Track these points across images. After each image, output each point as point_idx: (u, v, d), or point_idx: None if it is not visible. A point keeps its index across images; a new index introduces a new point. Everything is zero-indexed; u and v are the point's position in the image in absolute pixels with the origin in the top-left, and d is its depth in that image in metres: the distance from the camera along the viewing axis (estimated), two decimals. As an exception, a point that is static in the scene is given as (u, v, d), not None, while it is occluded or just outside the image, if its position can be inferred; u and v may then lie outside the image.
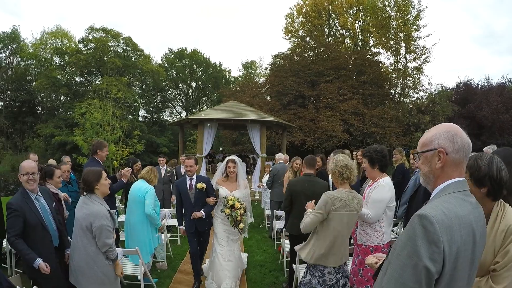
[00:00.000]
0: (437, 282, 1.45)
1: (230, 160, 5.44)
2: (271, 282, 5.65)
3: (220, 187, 5.39)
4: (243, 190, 5.40)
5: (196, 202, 5.32)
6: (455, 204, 1.53)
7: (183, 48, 46.14)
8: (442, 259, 1.42)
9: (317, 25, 36.31)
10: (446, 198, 1.57)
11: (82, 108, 22.40)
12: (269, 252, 7.15)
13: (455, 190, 1.60)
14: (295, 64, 29.87)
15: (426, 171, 1.70)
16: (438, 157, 1.64)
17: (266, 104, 28.63)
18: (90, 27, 37.16)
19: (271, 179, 8.02)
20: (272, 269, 6.21)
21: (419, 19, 31.65)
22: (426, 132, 1.76)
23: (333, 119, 25.53)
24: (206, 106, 47.72)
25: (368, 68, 28.90)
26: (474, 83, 33.53)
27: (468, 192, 1.64)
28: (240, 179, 5.47)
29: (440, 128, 1.70)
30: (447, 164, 1.63)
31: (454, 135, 1.63)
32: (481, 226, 1.64)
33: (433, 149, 1.66)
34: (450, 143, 1.63)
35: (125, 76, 37.34)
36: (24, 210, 3.58)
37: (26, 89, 37.88)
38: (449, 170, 1.64)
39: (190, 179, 5.43)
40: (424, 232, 1.43)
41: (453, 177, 1.63)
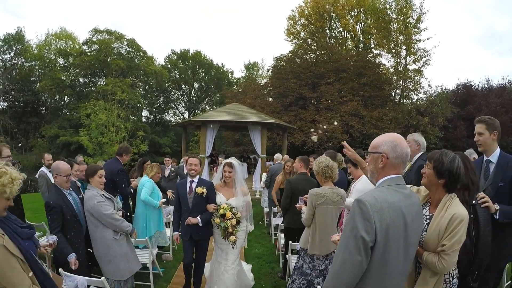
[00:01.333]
0: (373, 249, 1.98)
1: (226, 163, 4.99)
2: (267, 272, 6.17)
3: (217, 193, 5.01)
4: (241, 198, 4.95)
5: (194, 208, 4.89)
6: (386, 193, 2.06)
7: (186, 49, 46.47)
8: (374, 232, 1.95)
9: (319, 27, 36.56)
10: (381, 189, 2.12)
11: (88, 109, 22.89)
12: (267, 246, 7.68)
13: (390, 184, 2.14)
14: (297, 66, 30.20)
15: (372, 168, 2.26)
16: (381, 159, 2.18)
17: (268, 106, 29.02)
18: (94, 29, 37.51)
19: (269, 179, 8.59)
20: (269, 261, 6.73)
21: (420, 22, 32.04)
22: (377, 138, 2.29)
23: (333, 120, 25.95)
24: (208, 107, 48.06)
25: (368, 70, 29.23)
26: (475, 84, 33.74)
27: (402, 185, 2.17)
28: (237, 185, 5.02)
29: (387, 136, 2.24)
30: (387, 165, 2.18)
31: (396, 145, 2.17)
32: (414, 212, 2.16)
33: (378, 152, 2.19)
34: (392, 151, 2.17)
35: (129, 77, 37.78)
36: (62, 205, 4.09)
37: (30, 90, 38.29)
38: (388, 170, 2.18)
39: (191, 182, 5.03)
40: (360, 212, 1.97)
41: (390, 175, 2.17)
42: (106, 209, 4.38)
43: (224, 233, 4.79)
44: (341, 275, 2.02)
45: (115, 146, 21.20)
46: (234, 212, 4.78)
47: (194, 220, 4.79)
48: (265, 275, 6.02)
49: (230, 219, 4.72)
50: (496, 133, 3.71)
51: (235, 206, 4.84)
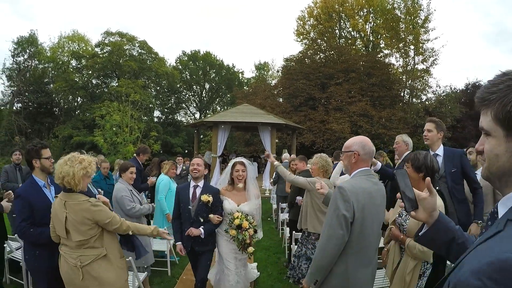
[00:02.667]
0: (352, 224, 2.55)
1: (238, 162, 4.48)
2: (274, 261, 6.74)
3: (225, 199, 4.44)
4: (254, 201, 4.43)
5: (197, 218, 4.33)
6: (360, 181, 2.67)
7: (197, 50, 47.11)
8: (353, 210, 2.52)
9: (328, 27, 36.89)
10: (356, 178, 2.73)
11: (102, 110, 23.61)
12: (274, 240, 8.24)
13: (362, 174, 2.75)
14: (306, 67, 30.64)
15: (346, 163, 2.85)
16: (354, 156, 2.77)
17: (278, 106, 29.53)
18: (106, 31, 38.26)
19: (276, 177, 9.10)
20: (276, 252, 7.31)
21: (428, 22, 32.30)
22: (349, 140, 2.92)
23: (342, 120, 26.37)
24: (219, 107, 48.66)
25: (377, 70, 29.61)
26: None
27: (371, 175, 2.80)
28: (250, 186, 4.49)
29: (357, 138, 2.87)
30: (359, 160, 2.77)
31: (365, 145, 2.78)
32: (381, 195, 2.79)
33: (351, 151, 2.79)
34: (362, 149, 2.77)
35: (141, 78, 38.43)
36: None
37: (44, 91, 38.92)
38: (360, 164, 2.78)
39: (195, 187, 4.46)
40: (341, 196, 2.54)
41: (361, 167, 2.77)
42: (127, 204, 4.98)
43: (241, 245, 4.25)
44: (327, 248, 2.56)
45: (129, 146, 21.92)
46: (250, 220, 4.26)
47: (196, 231, 4.25)
48: (272, 264, 6.57)
49: (248, 229, 4.20)
50: (442, 133, 4.40)
51: (248, 212, 4.31)
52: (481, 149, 1.14)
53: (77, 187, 3.21)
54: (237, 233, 4.20)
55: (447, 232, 1.51)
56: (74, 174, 3.18)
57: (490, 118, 1.08)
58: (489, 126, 1.09)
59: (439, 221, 1.50)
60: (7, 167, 6.39)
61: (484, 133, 1.12)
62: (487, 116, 1.10)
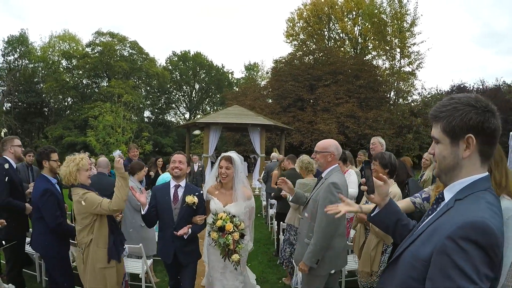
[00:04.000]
0: None
1: (223, 157, 4.00)
2: (264, 251, 7.39)
3: (211, 198, 4.02)
4: (242, 202, 3.95)
5: (180, 222, 3.83)
6: (340, 176, 3.43)
7: (187, 50, 47.29)
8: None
9: (317, 30, 37.63)
10: (335, 174, 3.47)
11: (95, 111, 23.98)
12: (264, 233, 8.90)
13: (336, 171, 3.50)
14: (295, 69, 31.21)
15: (322, 162, 3.57)
16: (330, 156, 3.49)
17: (267, 107, 30.05)
18: (97, 31, 38.29)
19: (266, 175, 9.76)
20: (265, 243, 7.97)
21: (414, 26, 33.16)
22: (324, 141, 3.66)
23: (329, 121, 27.01)
24: (209, 107, 49.02)
25: (364, 73, 30.29)
26: (470, 85, 34.64)
27: (340, 171, 3.57)
28: (238, 186, 4.00)
29: (331, 141, 3.63)
30: (333, 159, 3.51)
31: (338, 147, 3.56)
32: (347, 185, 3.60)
33: (328, 152, 3.50)
34: (336, 150, 3.52)
35: (131, 79, 38.64)
36: None
37: (34, 91, 38.83)
38: (333, 162, 3.52)
39: (176, 187, 3.98)
40: (336, 190, 3.31)
41: (333, 165, 3.52)
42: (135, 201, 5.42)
43: (224, 251, 3.73)
44: (328, 230, 3.40)
45: (122, 146, 22.26)
46: (235, 223, 3.75)
47: (185, 230, 3.77)
48: (262, 253, 7.22)
49: (231, 232, 3.70)
50: None
51: (235, 214, 3.83)
52: (433, 152, 1.60)
53: (76, 181, 3.85)
54: (218, 236, 3.70)
55: (394, 214, 1.98)
56: (70, 171, 3.83)
57: (439, 130, 1.51)
58: (439, 135, 1.51)
59: (389, 204, 1.98)
60: (20, 166, 6.83)
61: (435, 141, 1.58)
62: (437, 128, 1.52)
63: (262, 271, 6.18)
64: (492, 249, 1.24)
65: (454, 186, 1.51)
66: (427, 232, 1.45)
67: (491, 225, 1.26)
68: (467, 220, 1.28)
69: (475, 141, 1.41)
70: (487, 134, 1.42)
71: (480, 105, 1.42)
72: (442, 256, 1.28)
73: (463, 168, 1.47)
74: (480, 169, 1.47)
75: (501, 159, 2.20)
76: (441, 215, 1.45)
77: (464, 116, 1.41)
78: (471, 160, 1.45)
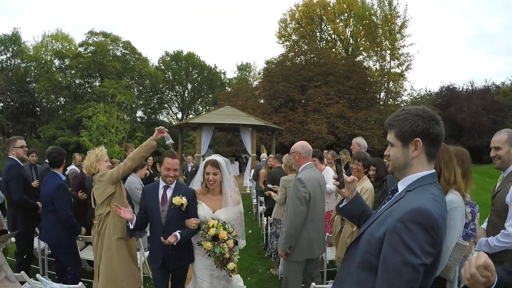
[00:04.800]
0: (309, 201, 3.74)
1: (209, 162, 3.74)
2: (254, 245, 7.81)
3: (199, 203, 3.77)
4: (232, 208, 3.76)
5: (169, 225, 3.61)
6: (310, 172, 3.86)
7: (179, 50, 47.48)
8: (309, 192, 3.68)
9: (309, 31, 38.04)
10: (304, 171, 3.91)
11: (89, 111, 24.13)
12: (254, 229, 9.33)
13: (308, 168, 3.95)
14: (287, 70, 31.67)
15: (294, 161, 4.10)
16: (297, 155, 3.97)
17: (259, 107, 30.45)
18: (90, 31, 38.33)
19: (256, 174, 10.21)
20: (255, 238, 8.41)
21: (404, 28, 33.72)
22: (295, 144, 4.13)
23: (320, 121, 27.46)
24: (201, 107, 49.31)
25: (354, 74, 30.74)
26: (459, 87, 35.32)
27: (313, 168, 4.02)
28: (227, 190, 3.78)
29: (299, 143, 4.06)
30: (300, 158, 3.98)
31: (304, 146, 4.00)
32: (322, 181, 4.04)
33: (295, 152, 3.98)
34: (302, 149, 3.96)
35: (124, 79, 38.68)
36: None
37: (27, 91, 38.78)
38: (302, 160, 3.96)
39: (165, 188, 3.75)
40: (300, 184, 3.72)
41: (305, 163, 3.97)
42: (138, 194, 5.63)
43: (219, 261, 3.52)
44: (295, 220, 3.81)
45: (115, 146, 22.47)
46: (228, 230, 3.57)
47: (171, 238, 3.46)
48: (252, 247, 7.61)
49: (226, 240, 3.50)
50: None
51: (226, 220, 3.64)
52: (388, 154, 1.95)
53: (96, 170, 4.38)
54: (213, 245, 3.49)
55: (360, 206, 2.34)
56: (91, 163, 4.41)
57: (393, 135, 1.82)
58: (393, 140, 1.83)
59: (356, 197, 2.34)
60: (24, 165, 7.18)
61: (390, 144, 1.91)
62: (391, 134, 1.83)
63: (252, 263, 6.58)
64: (434, 230, 1.55)
65: (406, 180, 1.84)
66: (382, 216, 1.80)
67: (433, 212, 1.56)
68: (414, 206, 1.59)
69: (421, 143, 1.76)
70: (432, 138, 1.77)
71: (426, 115, 1.77)
72: (393, 235, 1.59)
73: (413, 166, 1.82)
74: (427, 167, 1.83)
75: (450, 160, 2.60)
76: (394, 203, 1.77)
77: (412, 123, 1.76)
78: (419, 159, 1.81)
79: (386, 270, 1.60)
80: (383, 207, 1.89)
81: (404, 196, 1.76)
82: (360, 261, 1.82)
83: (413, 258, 1.53)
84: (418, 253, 1.53)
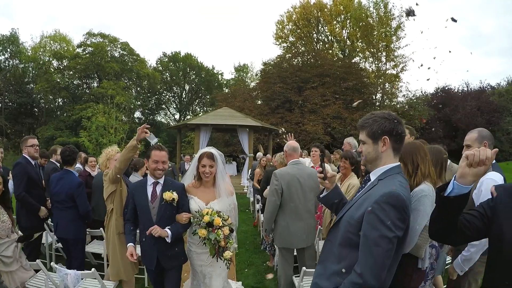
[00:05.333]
0: (283, 194, 4.29)
1: (204, 154, 3.64)
2: (251, 240, 8.15)
3: (190, 198, 3.71)
4: (226, 199, 3.72)
5: (160, 222, 3.52)
6: (288, 168, 4.48)
7: (177, 52, 47.81)
8: (281, 187, 4.23)
9: (306, 32, 38.28)
10: (287, 167, 4.45)
11: (88, 112, 24.46)
12: (251, 225, 9.66)
13: (292, 164, 4.47)
14: (283, 71, 31.92)
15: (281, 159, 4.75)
16: (285, 154, 4.54)
17: (256, 108, 30.64)
18: (88, 32, 38.56)
19: (252, 173, 10.59)
20: (252, 234, 8.74)
21: (400, 30, 33.98)
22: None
23: (316, 122, 27.72)
24: (199, 108, 49.63)
25: (351, 75, 30.99)
26: (455, 88, 35.69)
27: (298, 164, 4.50)
28: (220, 182, 3.72)
29: (288, 142, 4.49)
30: (287, 155, 4.57)
31: (289, 144, 4.54)
32: (306, 174, 4.49)
33: (284, 151, 4.51)
34: (287, 148, 4.52)
35: (122, 80, 39.06)
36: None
37: (25, 91, 39.09)
38: (289, 158, 4.52)
39: (155, 184, 3.66)
40: (275, 178, 4.31)
41: (291, 159, 4.47)
42: None
43: (214, 250, 3.45)
44: (268, 208, 4.57)
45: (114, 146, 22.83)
46: (223, 217, 3.49)
47: (162, 232, 3.45)
48: (249, 242, 7.96)
49: (221, 227, 3.43)
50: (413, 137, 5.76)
51: (221, 210, 3.58)
52: (361, 150, 2.35)
53: (106, 167, 4.78)
54: (207, 232, 3.41)
55: (338, 195, 2.72)
56: (103, 161, 4.90)
57: (365, 135, 2.22)
58: (365, 138, 2.23)
59: (335, 188, 2.72)
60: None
61: (362, 142, 2.31)
62: (363, 134, 2.24)
63: (249, 257, 6.91)
64: (403, 209, 1.96)
65: (376, 171, 2.24)
66: (359, 201, 2.18)
67: (402, 194, 1.98)
68: (386, 191, 1.99)
69: (389, 140, 2.16)
70: (396, 136, 2.17)
71: (391, 117, 2.18)
72: (371, 214, 1.98)
73: (382, 159, 2.22)
74: (393, 160, 2.22)
75: (425, 155, 2.92)
76: (369, 190, 2.17)
77: (381, 124, 2.16)
78: (387, 153, 2.20)
79: (367, 243, 1.98)
80: (358, 194, 2.30)
81: (377, 184, 2.16)
82: (340, 240, 2.18)
83: (388, 232, 1.93)
84: (392, 228, 1.93)
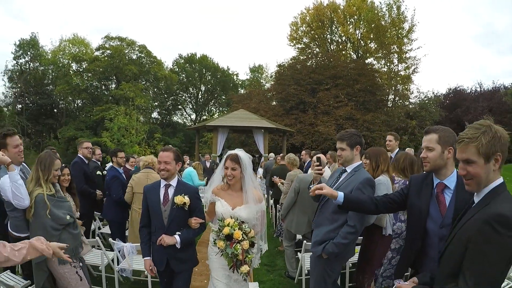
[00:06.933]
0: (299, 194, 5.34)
1: (229, 156, 3.50)
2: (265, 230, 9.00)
3: (217, 200, 3.55)
4: (253, 206, 3.46)
5: (171, 225, 3.52)
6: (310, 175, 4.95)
7: (193, 53, 48.61)
8: (299, 188, 5.32)
9: (320, 34, 38.87)
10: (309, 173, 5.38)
11: (111, 114, 25.59)
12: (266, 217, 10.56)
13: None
14: (297, 73, 32.55)
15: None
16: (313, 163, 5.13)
17: (271, 110, 31.59)
18: (107, 36, 39.83)
19: (264, 171, 11.71)
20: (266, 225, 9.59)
21: (412, 33, 34.58)
22: None
23: (329, 123, 28.51)
24: (214, 108, 50.61)
25: (363, 77, 31.50)
26: (468, 88, 36.17)
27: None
28: (247, 187, 3.51)
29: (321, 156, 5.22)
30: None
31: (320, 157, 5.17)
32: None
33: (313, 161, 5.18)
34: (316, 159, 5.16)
35: (140, 81, 40.17)
36: None
37: (45, 93, 40.63)
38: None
39: (167, 186, 3.61)
40: (297, 181, 5.54)
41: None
42: None
43: (232, 262, 3.32)
44: (287, 201, 5.51)
45: (135, 147, 23.94)
46: (245, 230, 3.30)
47: (170, 239, 3.44)
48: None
49: (240, 241, 3.26)
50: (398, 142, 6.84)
51: (246, 218, 3.38)
52: (340, 154, 3.54)
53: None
54: (225, 245, 3.29)
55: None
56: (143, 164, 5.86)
57: (345, 145, 3.48)
58: (345, 147, 3.48)
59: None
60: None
61: (341, 150, 3.48)
62: (343, 144, 3.48)
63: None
64: (374, 187, 3.45)
65: (352, 166, 3.54)
66: (343, 185, 3.41)
67: (372, 179, 3.44)
68: (364, 177, 3.38)
69: (359, 148, 3.33)
70: (362, 145, 3.50)
71: (360, 134, 3.51)
72: (357, 191, 3.28)
73: (354, 160, 3.53)
74: (359, 160, 3.60)
75: (386, 158, 4.16)
76: (349, 178, 3.48)
77: (354, 138, 3.46)
78: (357, 156, 3.55)
79: None
80: (340, 181, 3.58)
81: (354, 174, 3.47)
82: (333, 209, 3.32)
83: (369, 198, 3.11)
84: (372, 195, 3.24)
